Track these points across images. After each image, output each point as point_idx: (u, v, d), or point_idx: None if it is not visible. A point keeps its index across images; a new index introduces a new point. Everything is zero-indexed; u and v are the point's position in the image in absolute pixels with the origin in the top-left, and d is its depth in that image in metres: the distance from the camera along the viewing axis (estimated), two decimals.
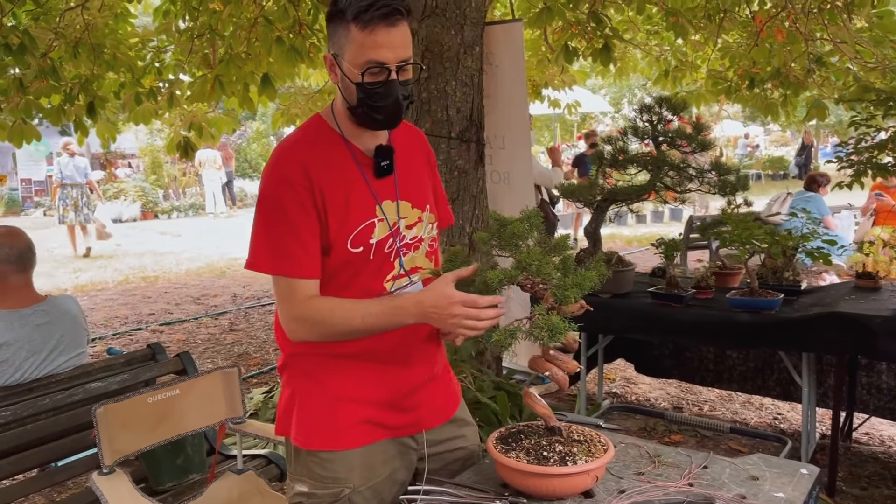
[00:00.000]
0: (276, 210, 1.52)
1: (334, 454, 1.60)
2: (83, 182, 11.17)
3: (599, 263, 1.55)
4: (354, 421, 1.61)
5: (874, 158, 2.86)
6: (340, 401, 1.61)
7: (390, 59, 1.47)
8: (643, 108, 3.44)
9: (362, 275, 1.58)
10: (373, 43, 1.46)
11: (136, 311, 7.34)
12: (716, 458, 1.63)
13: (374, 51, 1.46)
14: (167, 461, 2.56)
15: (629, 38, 7.53)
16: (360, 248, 1.55)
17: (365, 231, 1.56)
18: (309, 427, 1.62)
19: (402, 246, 1.62)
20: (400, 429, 1.67)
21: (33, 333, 2.66)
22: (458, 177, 3.73)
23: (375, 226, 1.57)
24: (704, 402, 4.32)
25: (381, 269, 1.59)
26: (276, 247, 1.52)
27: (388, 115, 1.53)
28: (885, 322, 2.78)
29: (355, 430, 1.61)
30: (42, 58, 5.07)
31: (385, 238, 1.58)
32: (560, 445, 1.48)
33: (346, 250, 1.54)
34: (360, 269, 1.57)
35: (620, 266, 3.47)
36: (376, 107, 1.51)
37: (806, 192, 6.46)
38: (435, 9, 3.61)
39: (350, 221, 1.54)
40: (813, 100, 6.19)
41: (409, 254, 1.63)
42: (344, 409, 1.61)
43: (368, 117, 1.53)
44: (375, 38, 1.45)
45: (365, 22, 1.44)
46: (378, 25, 1.44)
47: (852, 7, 5.01)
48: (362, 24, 1.45)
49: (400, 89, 1.50)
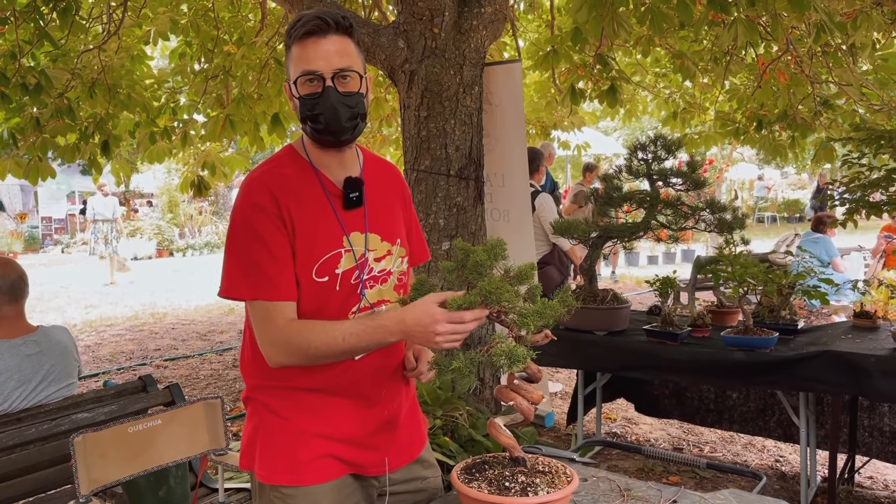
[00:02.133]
0: (249, 235, 1.52)
1: (297, 490, 1.59)
2: (112, 218, 12.59)
3: (566, 294, 1.54)
4: (317, 455, 1.60)
5: (866, 197, 2.85)
6: (303, 435, 1.60)
7: (322, 67, 1.51)
8: (638, 146, 3.46)
9: (329, 305, 1.57)
10: (304, 55, 1.51)
11: (142, 346, 7.38)
12: (686, 492, 1.60)
13: (305, 62, 1.51)
14: (149, 493, 2.55)
15: (638, 81, 7.60)
16: (326, 277, 1.56)
17: (331, 261, 1.56)
18: (271, 461, 1.61)
19: (370, 278, 1.62)
20: (364, 466, 1.66)
21: (23, 363, 2.68)
22: (457, 213, 3.76)
23: (342, 256, 1.57)
24: (706, 443, 4.25)
25: (347, 300, 1.59)
26: (251, 271, 1.52)
27: (328, 124, 1.52)
28: (879, 361, 2.74)
29: (318, 465, 1.60)
30: (59, 97, 5.21)
31: (351, 269, 1.59)
32: (523, 476, 1.47)
33: (311, 279, 1.54)
34: (326, 300, 1.57)
35: (615, 303, 3.45)
36: (315, 117, 1.52)
37: (814, 234, 6.42)
38: (435, 49, 3.68)
39: (317, 250, 1.55)
40: (820, 141, 6.20)
41: (375, 286, 1.63)
42: (307, 443, 1.60)
43: (315, 132, 1.55)
44: (306, 50, 1.51)
45: (298, 37, 1.51)
46: (308, 38, 1.50)
47: (855, 50, 5.04)
48: (296, 40, 1.52)
49: (338, 98, 1.52)
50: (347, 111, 1.53)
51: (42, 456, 2.47)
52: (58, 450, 2.50)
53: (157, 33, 5.77)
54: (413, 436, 1.79)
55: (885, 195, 2.88)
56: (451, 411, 3.38)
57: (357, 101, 1.55)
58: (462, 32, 3.69)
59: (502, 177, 4.31)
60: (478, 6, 3.71)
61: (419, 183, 3.71)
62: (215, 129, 6.06)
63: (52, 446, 2.50)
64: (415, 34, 3.69)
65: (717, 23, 4.25)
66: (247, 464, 1.68)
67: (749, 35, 3.79)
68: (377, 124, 7.75)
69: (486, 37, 3.80)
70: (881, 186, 2.87)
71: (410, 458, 1.76)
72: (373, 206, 1.65)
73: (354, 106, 1.54)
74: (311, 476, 1.60)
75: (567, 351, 3.42)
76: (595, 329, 3.39)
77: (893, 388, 2.75)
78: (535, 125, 8.19)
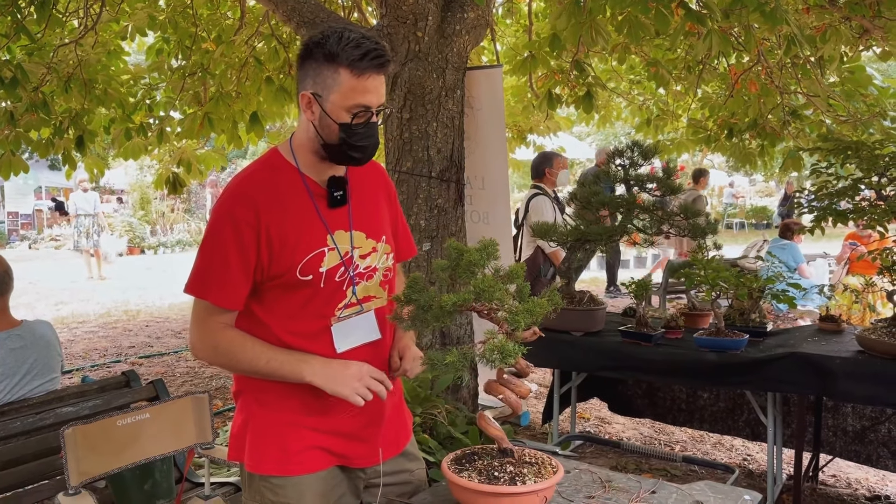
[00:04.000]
0: (214, 242, 1.60)
1: (286, 480, 1.64)
2: (94, 213, 12.72)
3: (553, 293, 1.61)
4: (306, 447, 1.65)
5: (833, 205, 2.97)
6: (292, 427, 1.66)
7: (374, 103, 1.58)
8: (615, 152, 3.55)
9: (314, 302, 1.64)
10: (363, 89, 1.56)
11: (115, 343, 7.32)
12: (664, 484, 1.68)
13: (363, 95, 1.56)
14: (135, 487, 2.57)
15: (612, 87, 7.73)
16: (310, 276, 1.62)
17: (314, 260, 1.62)
18: (261, 452, 1.66)
19: (356, 275, 1.68)
20: (351, 458, 1.72)
21: (7, 357, 2.68)
22: (438, 215, 3.82)
23: (325, 254, 1.63)
24: (676, 442, 4.36)
25: (333, 297, 1.65)
26: (205, 273, 1.61)
27: (366, 153, 1.63)
28: (844, 363, 2.86)
29: (306, 456, 1.65)
30: (34, 91, 5.16)
31: (336, 267, 1.64)
32: (511, 466, 1.53)
33: (295, 278, 1.60)
34: (312, 297, 1.63)
35: (592, 305, 3.53)
36: (358, 146, 1.60)
37: (781, 240, 6.60)
38: (418, 53, 3.74)
39: (300, 250, 1.61)
40: (788, 150, 6.37)
41: (361, 283, 1.69)
42: (295, 435, 1.65)
43: (346, 155, 1.61)
44: (366, 85, 1.55)
45: (361, 69, 1.54)
46: (372, 73, 1.55)
47: (824, 62, 5.20)
48: (358, 71, 1.54)
49: (377, 131, 1.62)
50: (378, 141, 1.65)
51: (26, 449, 2.48)
52: (42, 443, 2.51)
53: (135, 29, 5.75)
54: (399, 429, 1.85)
55: (851, 204, 3.00)
56: (430, 409, 3.43)
57: None
58: (445, 37, 3.75)
59: (482, 179, 4.38)
60: (461, 11, 3.77)
61: (401, 184, 3.76)
62: (193, 126, 6.05)
63: (37, 440, 2.51)
64: (398, 38, 3.74)
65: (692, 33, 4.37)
66: (235, 455, 1.74)
67: (722, 45, 3.91)
68: None
69: (469, 41, 3.87)
70: (847, 195, 2.99)
71: (397, 451, 1.82)
72: (357, 204, 1.71)
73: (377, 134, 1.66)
74: (299, 467, 1.65)
75: (545, 350, 3.49)
76: (572, 330, 3.47)
77: (857, 389, 2.87)
78: (512, 129, 8.29)
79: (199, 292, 1.61)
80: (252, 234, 1.57)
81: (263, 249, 1.58)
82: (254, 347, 1.60)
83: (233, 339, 1.61)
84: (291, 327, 1.64)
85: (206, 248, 1.61)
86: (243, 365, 1.61)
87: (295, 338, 1.63)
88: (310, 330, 1.64)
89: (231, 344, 1.61)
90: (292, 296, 1.62)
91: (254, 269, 1.60)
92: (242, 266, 1.58)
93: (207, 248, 1.61)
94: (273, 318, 1.64)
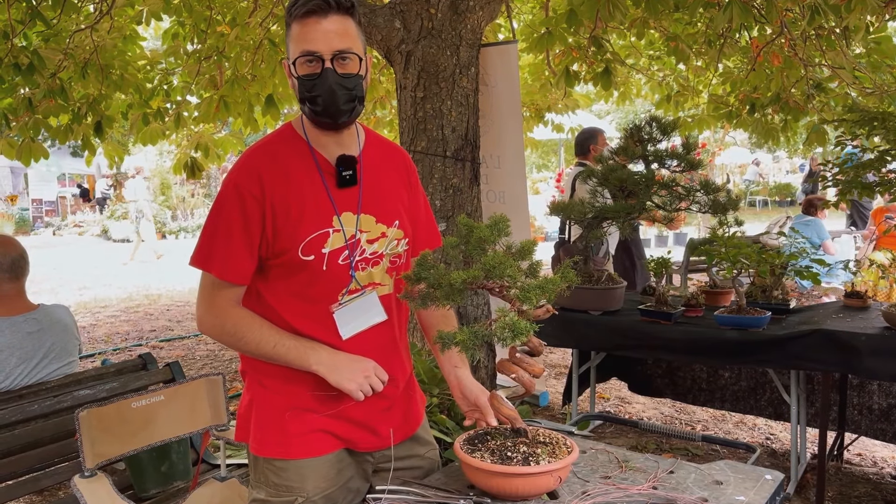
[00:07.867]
0: (219, 214, 1.57)
1: (287, 462, 1.62)
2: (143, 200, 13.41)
3: (567, 270, 1.57)
4: (307, 430, 1.63)
5: (859, 178, 2.88)
6: (293, 410, 1.63)
7: (322, 48, 1.50)
8: (634, 128, 3.48)
9: (318, 284, 1.59)
10: (304, 34, 1.51)
11: (137, 327, 7.40)
12: (683, 463, 1.64)
13: (305, 41, 1.51)
14: (151, 468, 2.58)
15: (632, 63, 7.60)
16: (312, 256, 1.57)
17: (317, 240, 1.57)
18: (264, 435, 1.65)
19: (361, 260, 1.63)
20: (357, 442, 1.68)
21: (24, 341, 2.70)
22: (453, 195, 3.78)
23: (330, 235, 1.58)
24: (697, 421, 4.31)
25: (335, 281, 1.61)
26: (209, 245, 1.58)
27: (326, 106, 1.53)
28: (870, 340, 2.79)
29: (308, 440, 1.63)
30: (51, 78, 5.18)
31: (339, 249, 1.59)
32: (524, 447, 1.50)
33: (297, 257, 1.56)
34: (314, 279, 1.59)
35: (611, 283, 3.49)
36: (313, 98, 1.53)
37: (805, 216, 6.48)
38: (431, 30, 3.68)
39: (303, 229, 1.56)
40: (812, 125, 6.23)
41: (366, 269, 1.64)
42: (297, 418, 1.63)
43: (313, 114, 1.56)
44: (306, 29, 1.50)
45: (298, 15, 1.51)
46: (309, 17, 1.50)
47: (849, 33, 5.06)
48: (296, 18, 1.51)
49: (336, 80, 1.51)
50: (345, 93, 1.53)
51: (45, 432, 2.50)
52: (60, 426, 2.53)
53: (150, 13, 5.73)
54: (409, 413, 1.80)
55: (877, 177, 2.92)
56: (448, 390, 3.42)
57: (355, 84, 1.55)
58: (459, 13, 3.69)
59: (498, 158, 4.33)
60: None
61: (415, 164, 3.72)
62: (209, 110, 6.05)
63: (55, 422, 2.53)
64: (411, 15, 3.69)
65: (712, 5, 4.27)
66: (242, 436, 1.72)
67: (744, 17, 3.80)
68: (371, 106, 7.73)
69: (483, 18, 3.80)
70: (874, 168, 2.90)
71: (406, 436, 1.77)
72: (369, 186, 1.65)
73: (353, 88, 1.54)
74: (300, 450, 1.63)
75: (562, 330, 3.46)
76: (590, 309, 3.42)
77: (883, 366, 2.80)
78: (530, 107, 8.19)
79: (202, 264, 1.59)
80: (257, 207, 1.54)
81: (268, 222, 1.55)
82: (261, 330, 1.58)
83: (240, 318, 1.59)
84: (297, 310, 1.61)
85: (211, 221, 1.58)
86: (250, 346, 1.59)
87: (302, 321, 1.60)
88: (315, 314, 1.61)
89: (239, 324, 1.58)
90: (295, 277, 1.59)
91: (259, 244, 1.56)
92: (246, 239, 1.55)
93: (212, 220, 1.58)
94: (278, 300, 1.61)
